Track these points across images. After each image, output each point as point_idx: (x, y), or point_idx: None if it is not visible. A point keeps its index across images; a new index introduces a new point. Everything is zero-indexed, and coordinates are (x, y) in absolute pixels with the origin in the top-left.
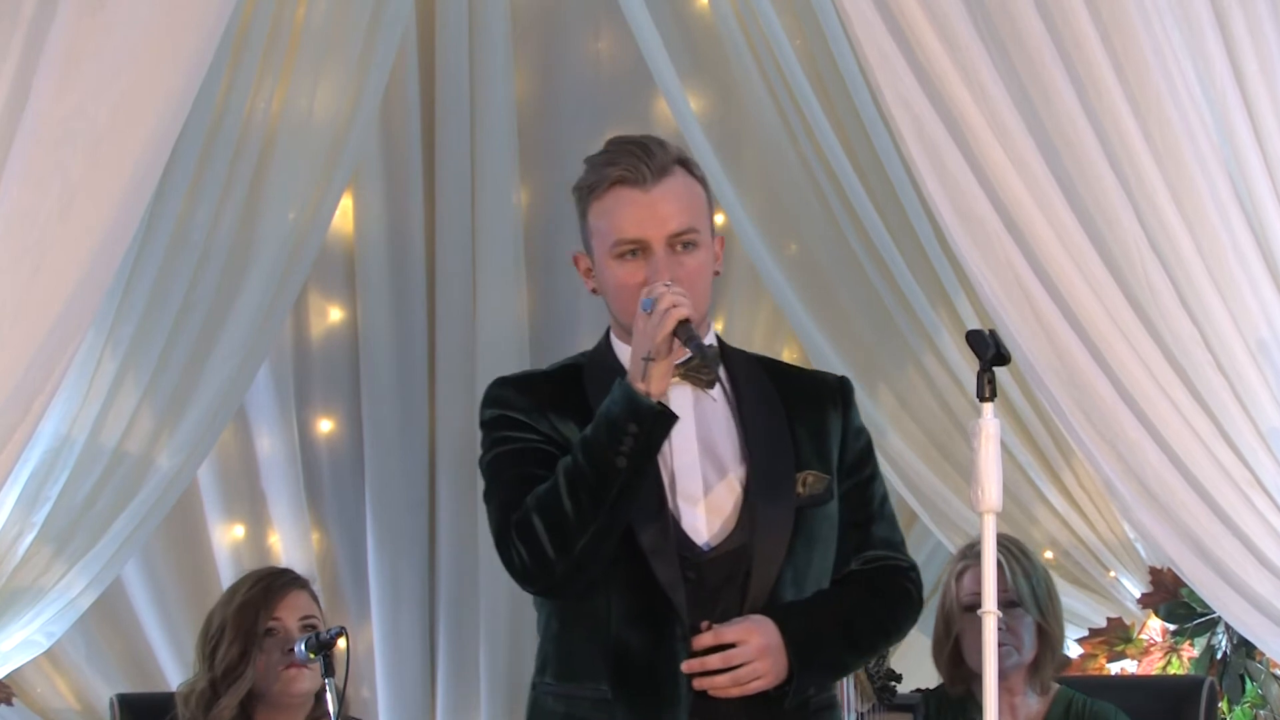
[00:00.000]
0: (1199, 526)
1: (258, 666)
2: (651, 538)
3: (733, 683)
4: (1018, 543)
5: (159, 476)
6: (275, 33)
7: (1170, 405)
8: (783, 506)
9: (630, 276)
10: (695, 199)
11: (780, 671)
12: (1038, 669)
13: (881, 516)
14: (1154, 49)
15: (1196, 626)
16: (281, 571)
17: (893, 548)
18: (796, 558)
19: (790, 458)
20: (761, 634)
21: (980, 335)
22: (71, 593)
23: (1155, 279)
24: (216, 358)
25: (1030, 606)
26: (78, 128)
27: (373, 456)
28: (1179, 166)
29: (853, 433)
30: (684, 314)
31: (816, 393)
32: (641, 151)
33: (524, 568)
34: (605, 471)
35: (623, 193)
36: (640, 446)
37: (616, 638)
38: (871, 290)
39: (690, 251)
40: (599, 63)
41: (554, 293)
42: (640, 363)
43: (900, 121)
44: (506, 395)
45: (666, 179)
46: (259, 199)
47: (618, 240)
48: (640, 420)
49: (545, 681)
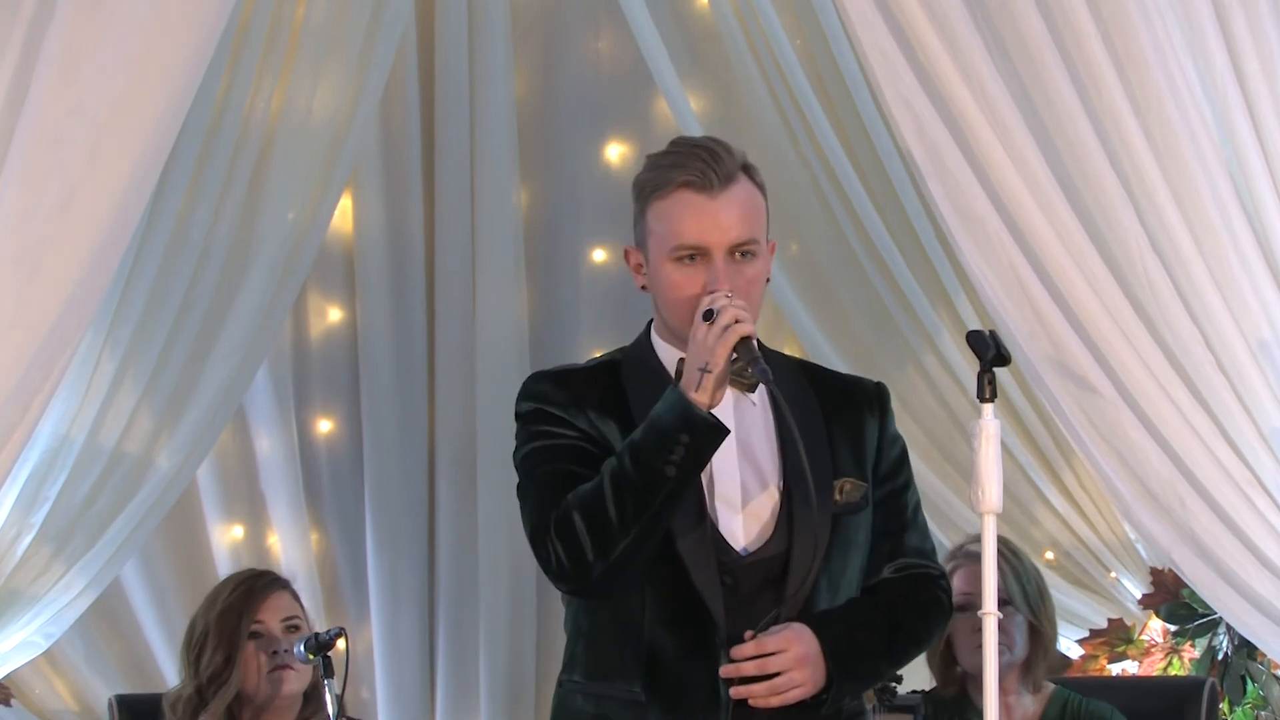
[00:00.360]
0: (1200, 527)
1: (243, 671)
2: (690, 544)
3: (770, 692)
4: (1008, 542)
5: (158, 477)
6: (275, 32)
7: (1171, 405)
8: (821, 513)
9: (687, 282)
10: (757, 208)
11: (818, 680)
12: (1030, 668)
13: (914, 525)
14: (1155, 48)
15: (1197, 627)
16: (261, 573)
17: (925, 556)
18: (832, 565)
19: (829, 464)
20: (801, 643)
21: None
22: (70, 593)
23: (1156, 278)
24: (216, 357)
25: (1021, 605)
26: (77, 126)
27: (372, 457)
28: (1180, 166)
29: (889, 440)
30: (748, 330)
31: (854, 398)
32: (710, 157)
33: (560, 567)
34: (653, 479)
35: (687, 197)
36: (690, 457)
37: (650, 640)
38: (872, 290)
39: (749, 261)
40: (599, 62)
41: (554, 293)
42: (696, 373)
43: (901, 121)
44: (544, 390)
45: (732, 186)
46: (258, 198)
47: (678, 245)
48: (693, 432)
49: (573, 680)
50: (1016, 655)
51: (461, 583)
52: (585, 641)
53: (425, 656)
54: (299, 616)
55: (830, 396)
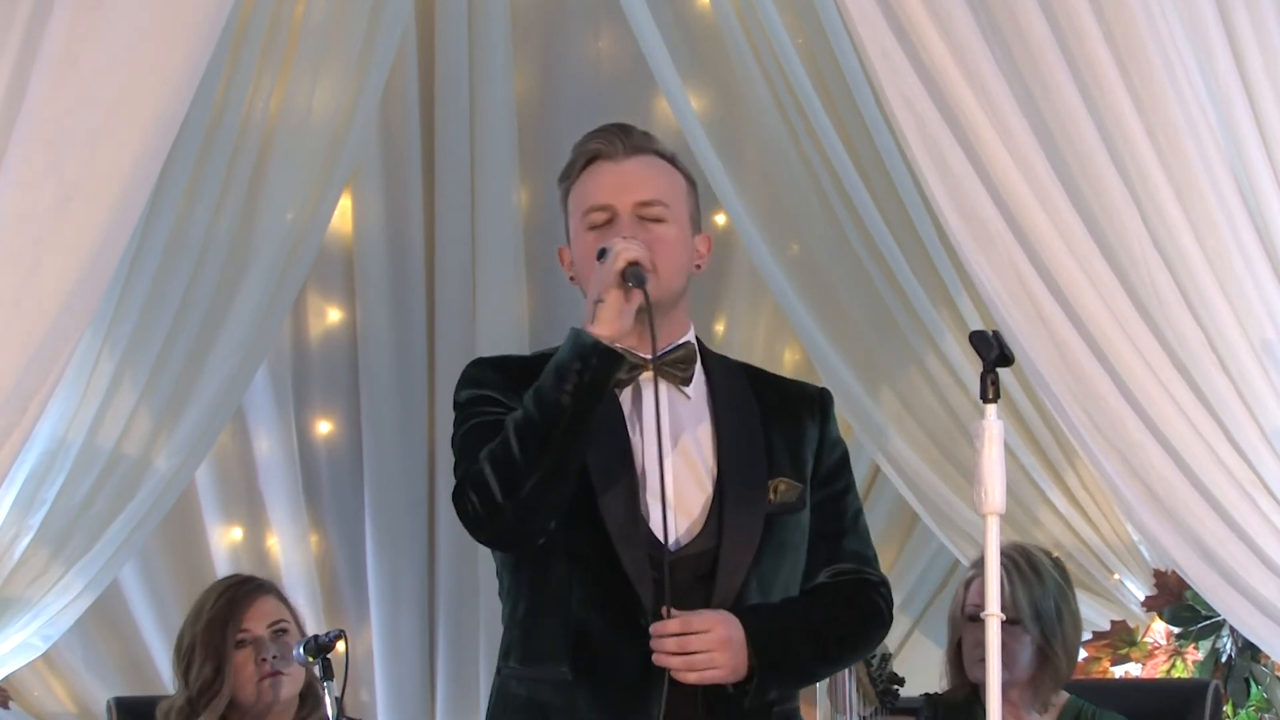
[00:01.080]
0: (1203, 528)
1: (234, 680)
2: (618, 524)
3: (686, 666)
4: (1028, 555)
5: (157, 478)
6: (274, 31)
7: (1174, 406)
8: (753, 512)
9: (594, 241)
10: (671, 183)
11: (739, 668)
12: (1036, 689)
13: (854, 530)
14: (1157, 46)
15: (1201, 629)
16: (245, 579)
17: (864, 562)
18: (764, 565)
19: (763, 463)
20: (725, 627)
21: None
22: (68, 595)
23: (1159, 278)
24: (215, 358)
25: (1030, 625)
26: (75, 126)
27: (372, 458)
28: (1183, 165)
29: (829, 444)
30: (633, 255)
31: (795, 401)
32: (618, 129)
33: (475, 514)
34: (551, 412)
35: (596, 166)
36: (585, 383)
37: (578, 620)
38: (874, 291)
39: (658, 225)
40: (599, 62)
41: (554, 293)
42: (592, 305)
43: (902, 120)
44: (483, 374)
45: (641, 156)
46: (257, 198)
47: (588, 208)
48: (584, 357)
49: (509, 666)
50: (1016, 674)
51: (461, 584)
52: (520, 628)
53: (425, 658)
54: (286, 619)
55: (770, 399)
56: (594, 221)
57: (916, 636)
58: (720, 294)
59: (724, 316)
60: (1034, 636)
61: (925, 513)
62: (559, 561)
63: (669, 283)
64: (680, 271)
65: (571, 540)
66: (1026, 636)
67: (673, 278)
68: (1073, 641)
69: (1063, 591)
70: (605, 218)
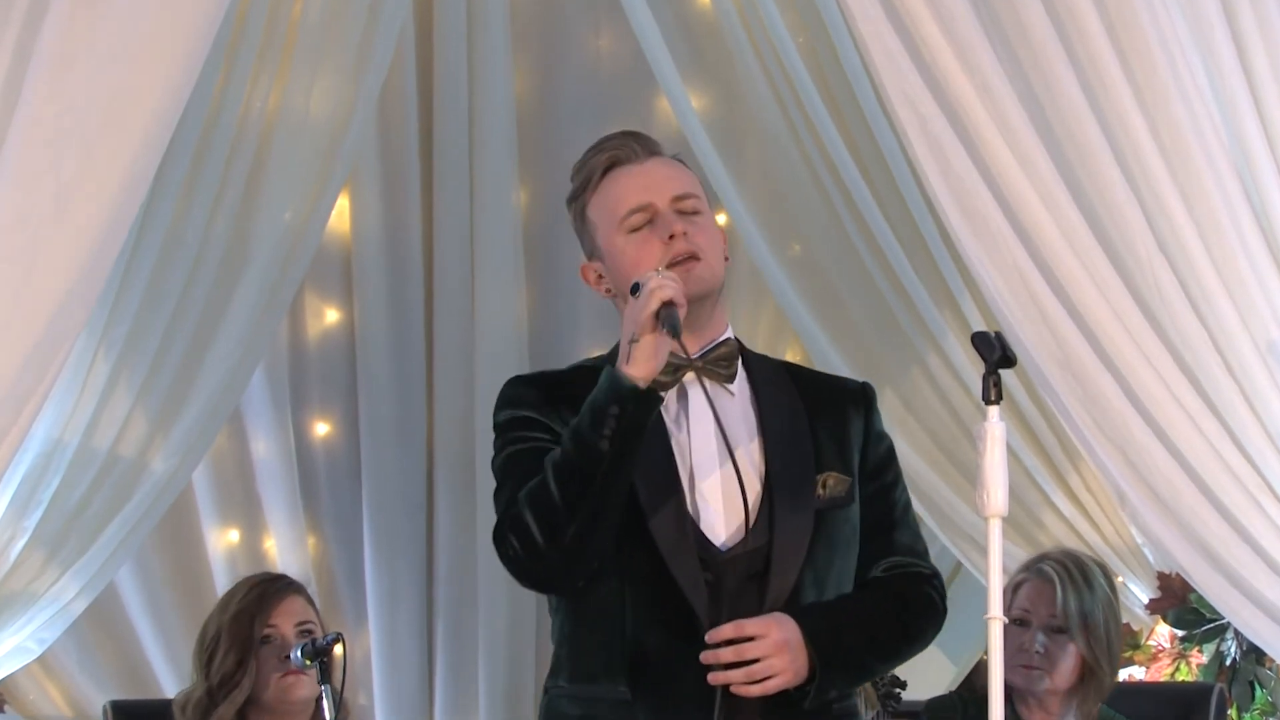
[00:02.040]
0: (1207, 531)
1: (255, 674)
2: (669, 537)
3: (747, 678)
4: (1082, 565)
5: (153, 480)
6: (271, 30)
7: (1178, 407)
8: (802, 508)
9: (645, 247)
10: (692, 179)
11: (800, 670)
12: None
13: (904, 523)
14: (1161, 45)
15: (1205, 632)
16: (277, 577)
17: (916, 555)
18: (817, 560)
19: (811, 459)
20: (781, 629)
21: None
22: (64, 598)
23: (1163, 278)
24: (212, 359)
25: (1078, 636)
26: (71, 127)
27: (370, 460)
28: (1187, 164)
29: (875, 437)
30: (668, 294)
31: (838, 395)
32: (628, 136)
33: (516, 560)
34: (590, 456)
35: (617, 172)
36: (623, 428)
37: (633, 638)
38: (876, 291)
39: (697, 216)
40: (599, 60)
41: (554, 294)
42: (627, 345)
43: (904, 119)
44: (520, 393)
45: (657, 157)
46: (255, 199)
47: (626, 212)
48: (622, 402)
49: (559, 684)
50: (1057, 683)
51: (460, 587)
52: (570, 645)
53: (423, 662)
54: (313, 621)
55: (813, 394)
56: (634, 224)
57: None
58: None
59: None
60: (1079, 646)
61: (927, 515)
62: (609, 579)
63: (718, 269)
64: (721, 260)
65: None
66: (1071, 645)
67: (719, 265)
68: (1117, 654)
69: (1110, 603)
70: (646, 218)
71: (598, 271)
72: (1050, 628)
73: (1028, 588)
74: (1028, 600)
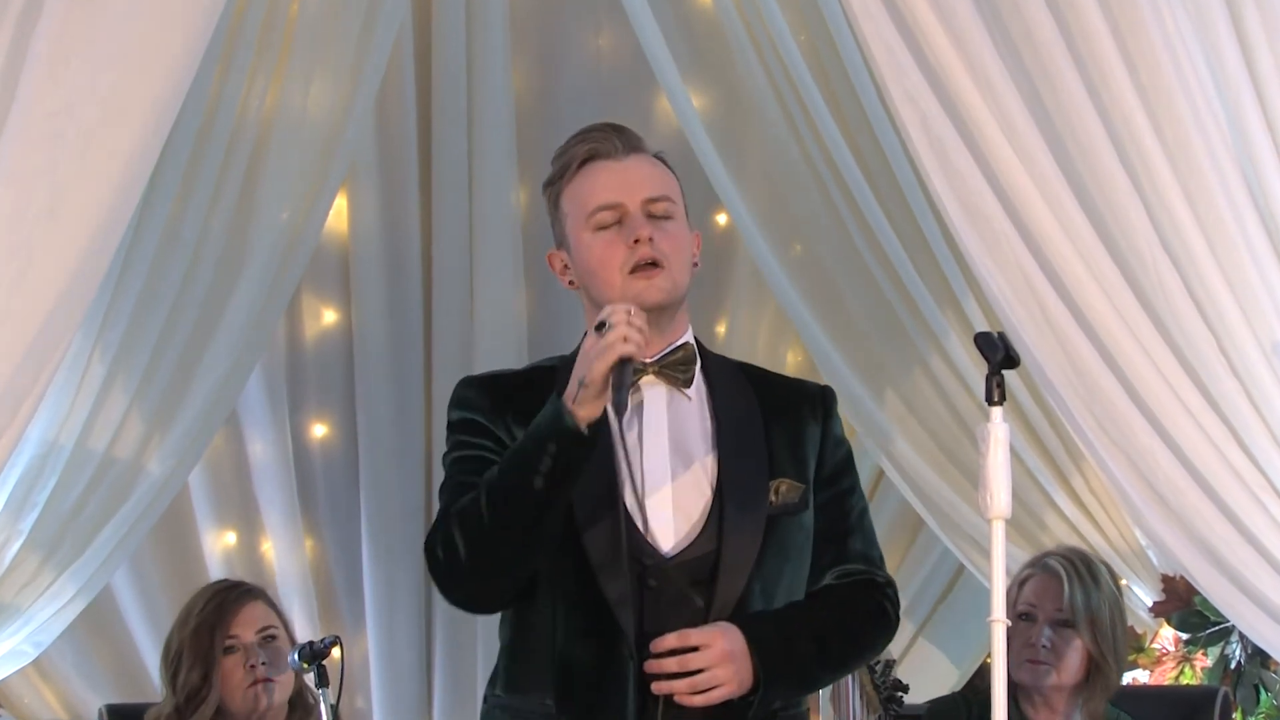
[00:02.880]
0: (1212, 532)
1: (221, 687)
2: (600, 552)
3: (690, 689)
4: (1088, 561)
5: (149, 482)
6: (269, 27)
7: (1182, 408)
8: (754, 513)
9: (610, 247)
10: (671, 181)
11: (744, 680)
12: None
13: (859, 530)
14: (1165, 43)
15: (1210, 635)
16: (233, 585)
17: (870, 563)
18: (766, 567)
19: (764, 464)
20: (726, 639)
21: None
22: (59, 601)
23: (1167, 279)
24: (208, 361)
25: (1084, 630)
26: (66, 126)
27: (367, 462)
28: (1191, 164)
29: (832, 442)
30: (628, 350)
31: (796, 401)
32: (610, 129)
33: (438, 572)
34: (522, 487)
35: (594, 165)
36: (558, 468)
37: (560, 651)
38: (878, 292)
39: (667, 222)
40: (599, 59)
41: (554, 294)
42: (575, 384)
43: (906, 118)
44: (470, 396)
45: (637, 155)
46: (252, 198)
47: (594, 208)
48: (560, 441)
49: (495, 694)
50: (1064, 679)
51: None
52: (506, 655)
53: (422, 666)
54: (275, 625)
55: (770, 398)
56: (602, 221)
57: (921, 643)
58: (721, 295)
59: (725, 318)
60: (1085, 641)
61: (930, 517)
62: (542, 592)
63: (680, 279)
64: (687, 268)
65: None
66: (1078, 640)
67: (683, 274)
68: (1122, 653)
69: (1116, 600)
70: (614, 217)
71: (564, 261)
72: (1056, 622)
73: (1034, 583)
74: (1034, 595)
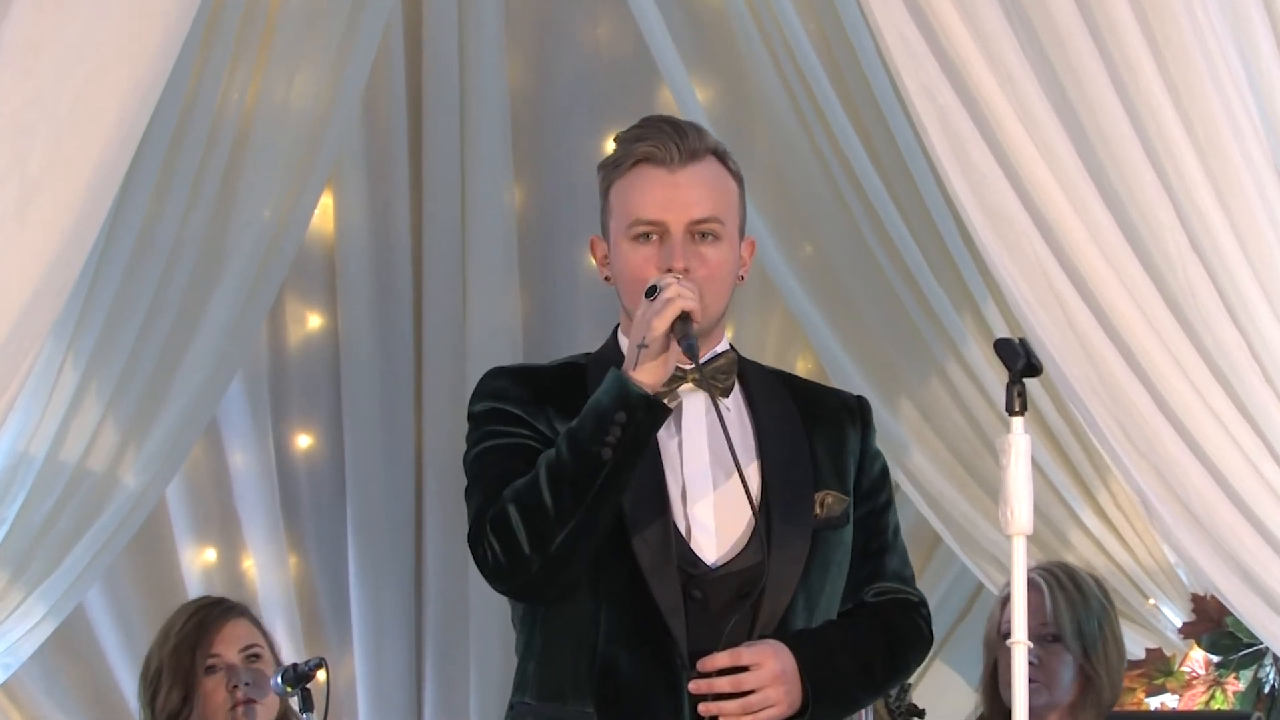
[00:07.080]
0: (1245, 550)
1: (202, 708)
2: (651, 556)
3: (742, 710)
4: (1071, 572)
5: (124, 496)
6: (250, 16)
7: (1213, 418)
8: (799, 527)
9: (644, 262)
10: (726, 192)
11: (794, 702)
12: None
13: (895, 548)
14: (1195, 32)
15: (1242, 658)
16: (216, 601)
17: (904, 581)
18: (811, 581)
19: (809, 476)
20: (778, 659)
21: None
22: (29, 621)
23: (1197, 281)
24: (186, 368)
25: (1072, 644)
26: (36, 120)
27: (354, 474)
28: (1222, 161)
29: (870, 455)
30: (688, 306)
31: (835, 410)
32: (674, 130)
33: (496, 564)
34: (589, 463)
35: (647, 171)
36: (627, 437)
37: (603, 655)
38: (892, 295)
39: (712, 244)
40: (598, 50)
41: (550, 297)
42: (635, 350)
43: (923, 112)
44: (503, 386)
45: (696, 164)
46: (232, 196)
47: (635, 220)
48: (630, 409)
49: (524, 701)
50: (1057, 697)
51: (450, 609)
52: (537, 660)
53: (412, 688)
54: (259, 644)
55: (810, 407)
56: (638, 234)
57: (937, 665)
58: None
59: (732, 323)
60: (1075, 656)
61: (947, 533)
62: (584, 594)
63: (714, 306)
64: (725, 295)
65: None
66: (1068, 655)
67: (720, 302)
68: (1116, 666)
69: (1106, 612)
70: (656, 232)
71: (604, 252)
72: (1042, 637)
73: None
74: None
